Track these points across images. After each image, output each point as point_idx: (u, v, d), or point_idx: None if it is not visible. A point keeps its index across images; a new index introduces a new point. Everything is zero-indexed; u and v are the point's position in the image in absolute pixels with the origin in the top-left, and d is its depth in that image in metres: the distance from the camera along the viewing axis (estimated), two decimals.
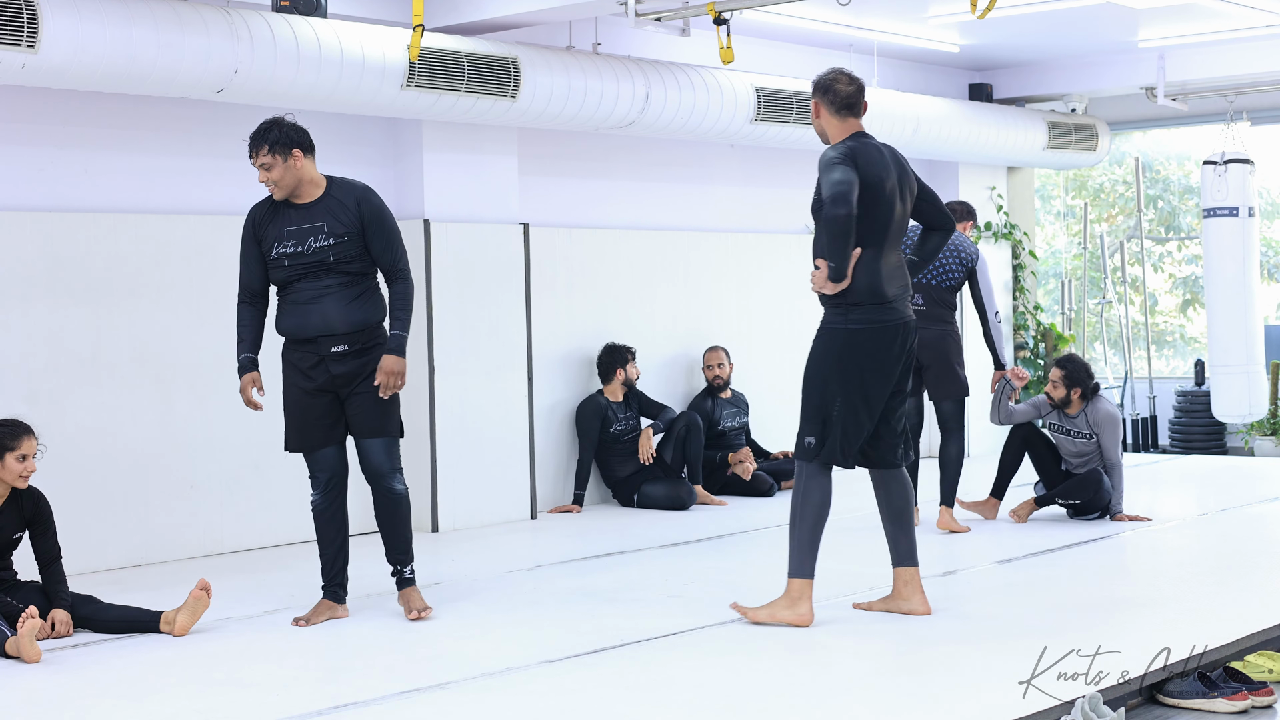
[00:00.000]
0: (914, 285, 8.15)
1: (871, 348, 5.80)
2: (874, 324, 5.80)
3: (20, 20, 6.46)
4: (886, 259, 5.83)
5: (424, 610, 6.26)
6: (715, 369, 10.03)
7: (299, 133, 6.12)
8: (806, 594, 5.94)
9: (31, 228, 7.35)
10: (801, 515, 5.93)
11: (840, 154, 5.78)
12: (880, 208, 5.78)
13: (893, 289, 5.83)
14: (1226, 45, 11.04)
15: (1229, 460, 11.82)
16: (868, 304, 5.78)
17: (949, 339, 8.47)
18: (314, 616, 6.18)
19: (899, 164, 5.91)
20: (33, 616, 5.59)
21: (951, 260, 8.47)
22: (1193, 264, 14.62)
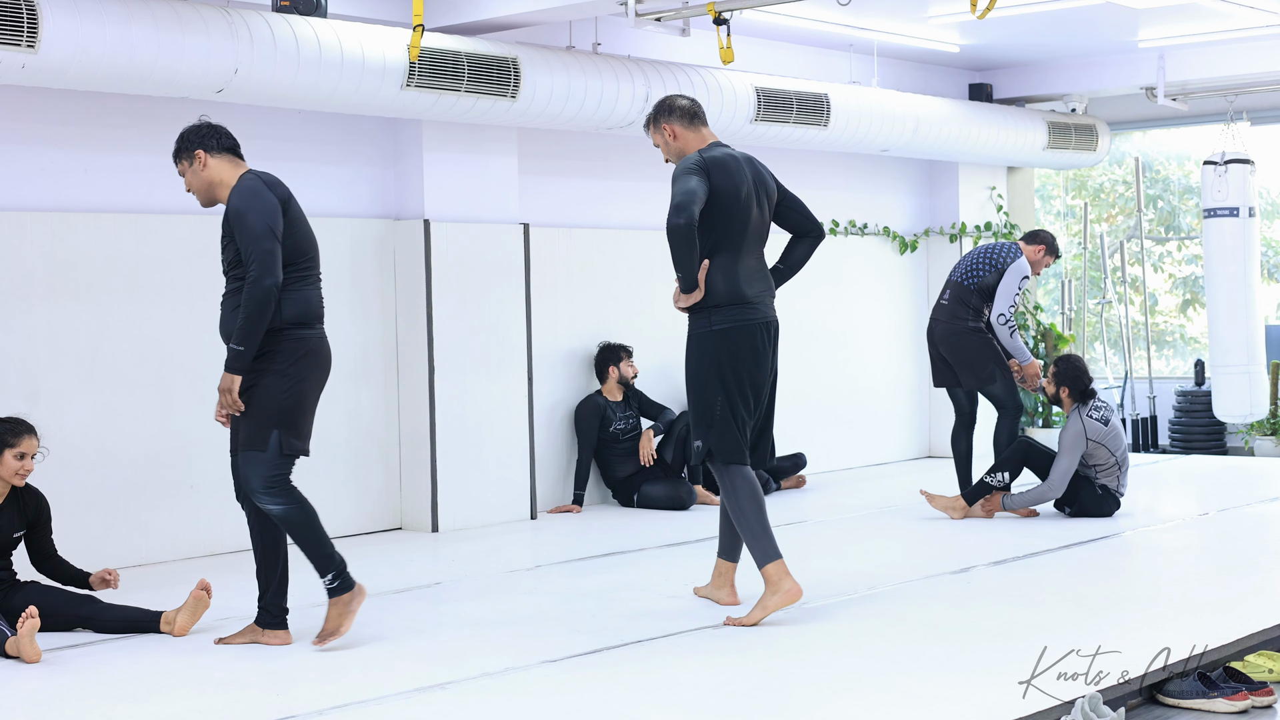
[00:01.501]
0: (947, 280, 8.91)
1: (740, 345, 6.01)
2: (738, 322, 6.01)
3: (20, 20, 6.46)
4: (745, 262, 6.05)
5: (330, 635, 5.69)
6: None
7: (199, 133, 5.77)
8: (784, 572, 6.03)
9: (31, 228, 7.35)
10: (742, 511, 6.07)
11: (691, 165, 5.99)
12: (735, 214, 6.00)
13: (752, 290, 6.05)
14: (1226, 45, 11.04)
15: (1229, 460, 11.82)
16: (728, 305, 6.00)
17: (964, 335, 8.84)
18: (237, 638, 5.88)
19: (755, 172, 6.13)
20: (33, 616, 5.59)
21: (982, 261, 8.87)
22: (1193, 264, 14.62)
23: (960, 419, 9.11)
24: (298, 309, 5.67)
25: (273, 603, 5.81)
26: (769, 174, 6.23)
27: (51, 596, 6.10)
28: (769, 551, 6.03)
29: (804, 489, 10.27)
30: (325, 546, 5.72)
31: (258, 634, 5.81)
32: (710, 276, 6.01)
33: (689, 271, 5.91)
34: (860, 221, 11.62)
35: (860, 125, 10.23)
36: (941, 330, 8.95)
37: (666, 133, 6.18)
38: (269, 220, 5.58)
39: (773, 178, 6.25)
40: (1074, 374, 8.64)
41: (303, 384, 5.69)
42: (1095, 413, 8.58)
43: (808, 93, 9.90)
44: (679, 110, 6.16)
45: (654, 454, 9.49)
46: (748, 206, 6.02)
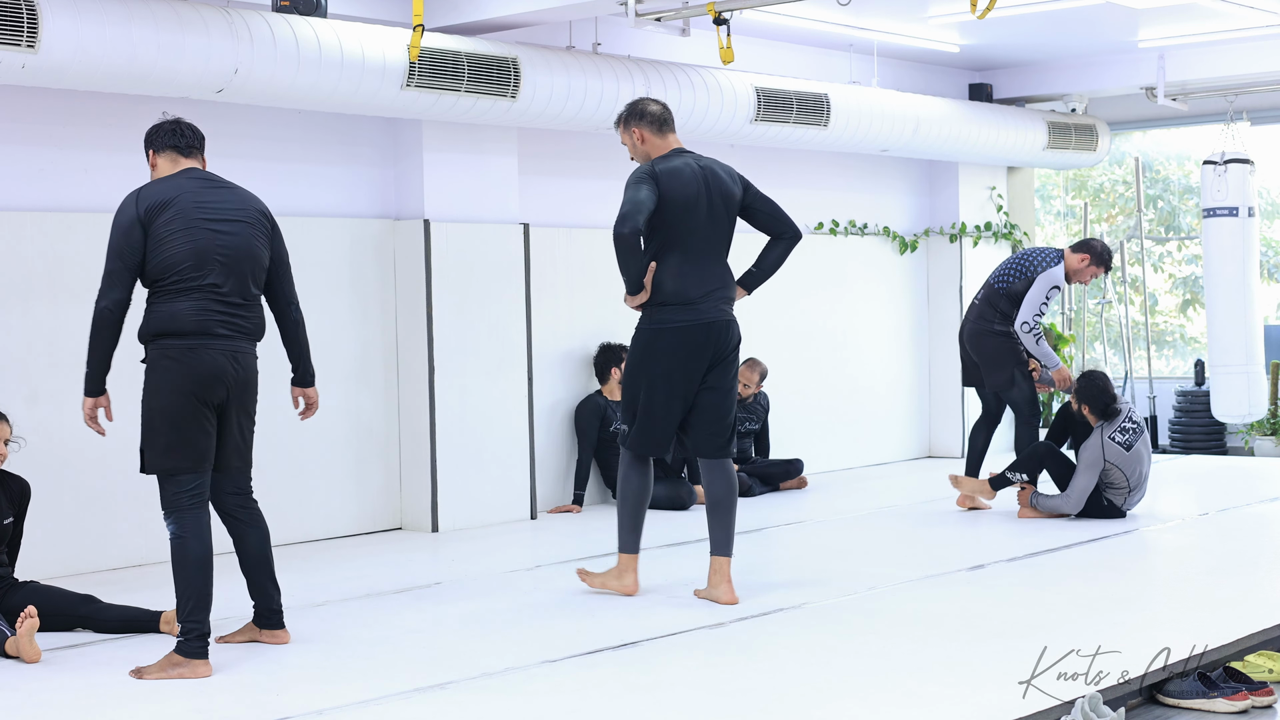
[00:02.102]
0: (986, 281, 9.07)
1: (674, 345, 6.29)
2: (676, 323, 6.28)
3: (20, 20, 6.46)
4: (694, 266, 6.32)
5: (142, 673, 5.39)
6: (741, 386, 9.91)
7: (149, 133, 5.68)
8: (631, 567, 6.56)
9: (31, 228, 7.35)
10: (622, 499, 6.56)
11: (643, 174, 6.27)
12: (684, 220, 6.28)
13: (697, 292, 6.30)
14: (1226, 45, 11.04)
15: (1229, 460, 11.82)
16: (671, 304, 6.28)
17: (987, 337, 8.95)
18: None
19: (713, 179, 6.38)
20: (32, 616, 5.59)
21: (1015, 267, 8.98)
22: (1193, 264, 14.62)
23: (985, 416, 9.21)
24: (161, 323, 5.45)
25: (262, 605, 5.80)
26: (733, 181, 6.47)
27: (51, 596, 6.10)
28: (629, 545, 6.56)
29: (805, 489, 10.26)
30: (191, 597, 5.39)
31: (255, 633, 5.83)
32: (658, 277, 6.31)
33: (632, 276, 6.23)
34: (860, 221, 11.62)
35: (860, 125, 10.23)
36: (969, 330, 9.07)
37: (635, 136, 6.44)
38: (116, 239, 5.46)
39: (739, 184, 6.50)
40: (1093, 392, 8.53)
41: (167, 396, 5.42)
42: (1120, 435, 8.46)
43: (808, 93, 9.90)
44: (649, 116, 6.43)
45: None
46: (697, 213, 6.30)
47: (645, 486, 6.53)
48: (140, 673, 5.36)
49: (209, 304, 5.47)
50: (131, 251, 5.46)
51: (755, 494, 9.91)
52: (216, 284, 5.48)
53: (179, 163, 5.64)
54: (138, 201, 5.48)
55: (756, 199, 6.55)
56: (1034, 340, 8.76)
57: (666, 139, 6.45)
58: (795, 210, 11.13)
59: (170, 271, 5.45)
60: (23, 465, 7.08)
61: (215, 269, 5.49)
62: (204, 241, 5.47)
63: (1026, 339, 8.76)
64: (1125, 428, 8.48)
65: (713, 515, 6.47)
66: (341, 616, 6.38)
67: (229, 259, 5.51)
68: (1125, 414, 8.52)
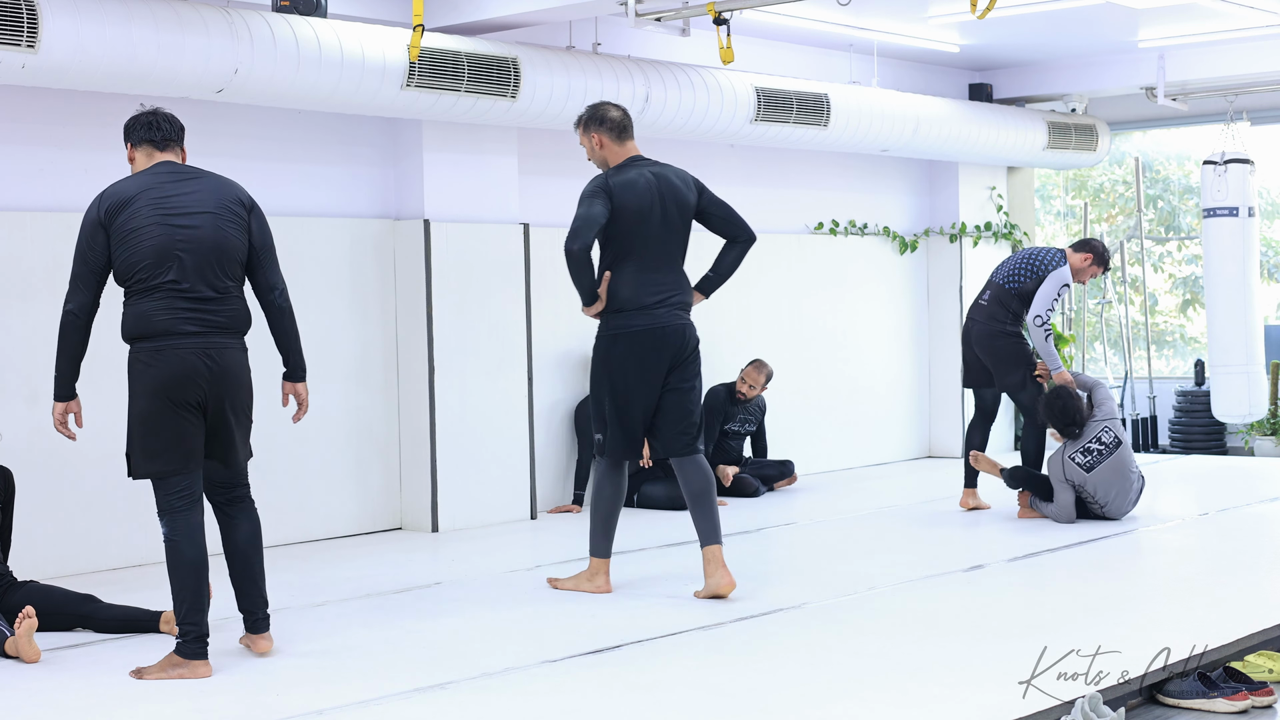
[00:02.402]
0: (987, 281, 8.95)
1: (631, 350, 6.48)
2: (632, 329, 6.48)
3: (20, 20, 6.46)
4: (649, 273, 6.51)
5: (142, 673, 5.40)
6: (747, 387, 9.93)
7: (126, 126, 5.60)
8: (603, 570, 6.70)
9: (31, 228, 7.35)
10: (596, 505, 6.68)
11: (596, 187, 6.47)
12: (638, 229, 6.47)
13: (652, 298, 6.50)
14: (1226, 45, 11.04)
15: (1229, 460, 11.82)
16: (627, 310, 6.48)
17: (999, 338, 8.85)
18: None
19: (666, 187, 6.55)
20: (30, 616, 5.59)
21: (1024, 266, 8.89)
22: (1193, 264, 14.62)
23: (980, 414, 9.14)
24: (132, 326, 5.41)
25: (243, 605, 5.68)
26: (688, 187, 6.64)
27: (50, 595, 6.10)
28: (600, 549, 6.67)
29: (796, 488, 10.26)
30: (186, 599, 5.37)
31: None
32: (613, 285, 6.51)
33: (585, 289, 6.43)
34: (860, 221, 11.62)
35: (860, 125, 10.23)
36: (979, 330, 8.92)
37: (594, 141, 6.62)
38: (81, 242, 5.42)
39: (694, 190, 6.66)
40: (1053, 412, 8.39)
41: (142, 400, 5.37)
42: (1082, 456, 8.33)
43: (808, 93, 9.90)
44: (609, 122, 6.61)
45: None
46: (652, 222, 6.49)
47: (620, 493, 6.68)
48: (140, 673, 5.36)
49: (173, 301, 5.37)
50: (95, 254, 5.41)
51: (760, 494, 9.91)
52: (176, 280, 5.37)
53: (154, 157, 5.55)
54: (100, 203, 5.43)
55: (711, 204, 6.71)
56: (1044, 336, 8.71)
57: (625, 146, 6.62)
58: (795, 210, 11.17)
59: (134, 271, 5.38)
60: (23, 465, 7.09)
61: (174, 265, 5.37)
62: (163, 238, 5.37)
63: (1036, 333, 8.70)
64: (1090, 448, 8.32)
65: (696, 509, 6.57)
66: (341, 616, 6.38)
67: (190, 252, 5.39)
68: (1094, 434, 8.34)
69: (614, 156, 6.60)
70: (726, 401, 9.99)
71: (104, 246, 5.40)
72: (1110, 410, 8.47)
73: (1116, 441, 8.36)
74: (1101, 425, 8.38)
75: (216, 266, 5.45)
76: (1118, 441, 8.37)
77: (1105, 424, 8.39)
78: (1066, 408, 8.36)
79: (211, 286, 5.44)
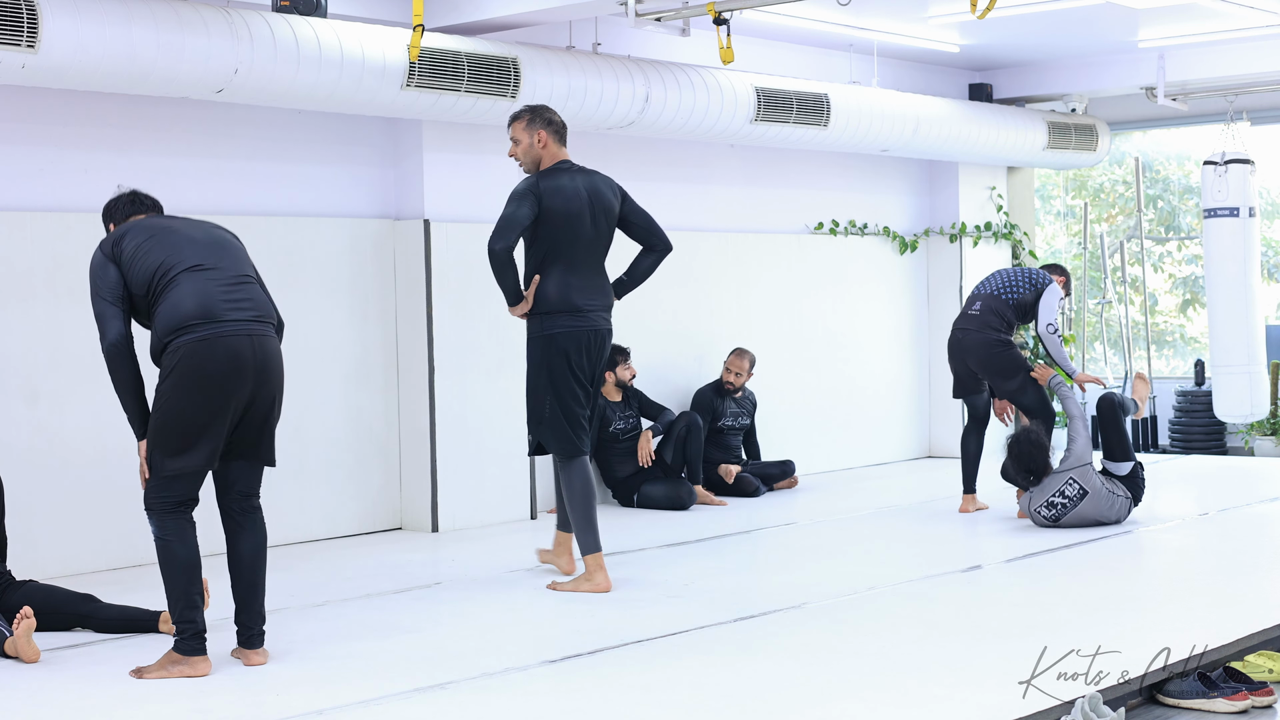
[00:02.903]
0: (974, 294, 8.98)
1: (568, 349, 6.69)
2: (567, 329, 6.68)
3: (20, 20, 6.45)
4: (577, 274, 6.73)
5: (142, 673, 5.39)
6: (733, 375, 9.98)
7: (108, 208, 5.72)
8: (599, 565, 6.76)
9: (31, 228, 7.35)
10: (572, 502, 6.78)
11: (525, 190, 6.65)
12: (567, 233, 6.67)
13: (583, 300, 6.72)
14: (1226, 45, 11.04)
15: (1229, 460, 11.82)
16: (560, 312, 6.68)
17: (995, 346, 8.79)
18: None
19: (594, 193, 6.77)
20: (28, 617, 5.59)
21: (1021, 280, 8.90)
22: (1193, 264, 14.63)
23: (973, 421, 9.10)
24: (166, 320, 5.32)
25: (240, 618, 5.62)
26: (614, 194, 6.85)
27: (50, 595, 6.10)
28: (591, 544, 6.75)
29: (797, 489, 10.26)
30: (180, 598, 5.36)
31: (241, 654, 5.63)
32: (543, 287, 6.70)
33: (509, 288, 6.63)
34: (860, 221, 11.62)
35: (860, 125, 10.23)
36: (974, 340, 8.81)
37: (538, 139, 6.75)
38: (95, 283, 5.43)
39: (618, 197, 6.87)
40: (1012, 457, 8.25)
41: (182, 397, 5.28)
42: (1046, 510, 8.18)
43: (808, 93, 9.89)
44: (555, 125, 6.79)
45: (652, 455, 9.49)
46: (579, 225, 6.70)
47: (589, 484, 6.79)
48: (140, 673, 5.36)
49: (203, 284, 5.33)
50: (111, 287, 5.38)
51: (760, 494, 9.92)
52: (201, 263, 5.36)
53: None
54: (103, 247, 5.46)
55: (632, 211, 6.92)
56: (1058, 342, 8.66)
57: (561, 150, 6.80)
58: (795, 210, 11.17)
59: (152, 274, 5.34)
60: (23, 465, 7.10)
61: (195, 251, 5.38)
62: (171, 243, 5.38)
63: (1052, 340, 8.64)
64: (1053, 502, 8.17)
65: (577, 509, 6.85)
66: (341, 616, 6.38)
67: (206, 244, 5.43)
68: (1057, 488, 8.15)
69: (549, 158, 6.77)
70: (714, 397, 10.01)
71: (118, 277, 5.38)
72: (1079, 456, 8.20)
73: (1081, 493, 8.14)
74: (1065, 478, 8.16)
75: (236, 256, 5.48)
76: (1083, 493, 8.15)
77: (1070, 476, 8.16)
78: (1022, 455, 8.22)
79: (238, 269, 5.44)
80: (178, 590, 5.37)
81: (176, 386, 5.29)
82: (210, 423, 5.34)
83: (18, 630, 5.57)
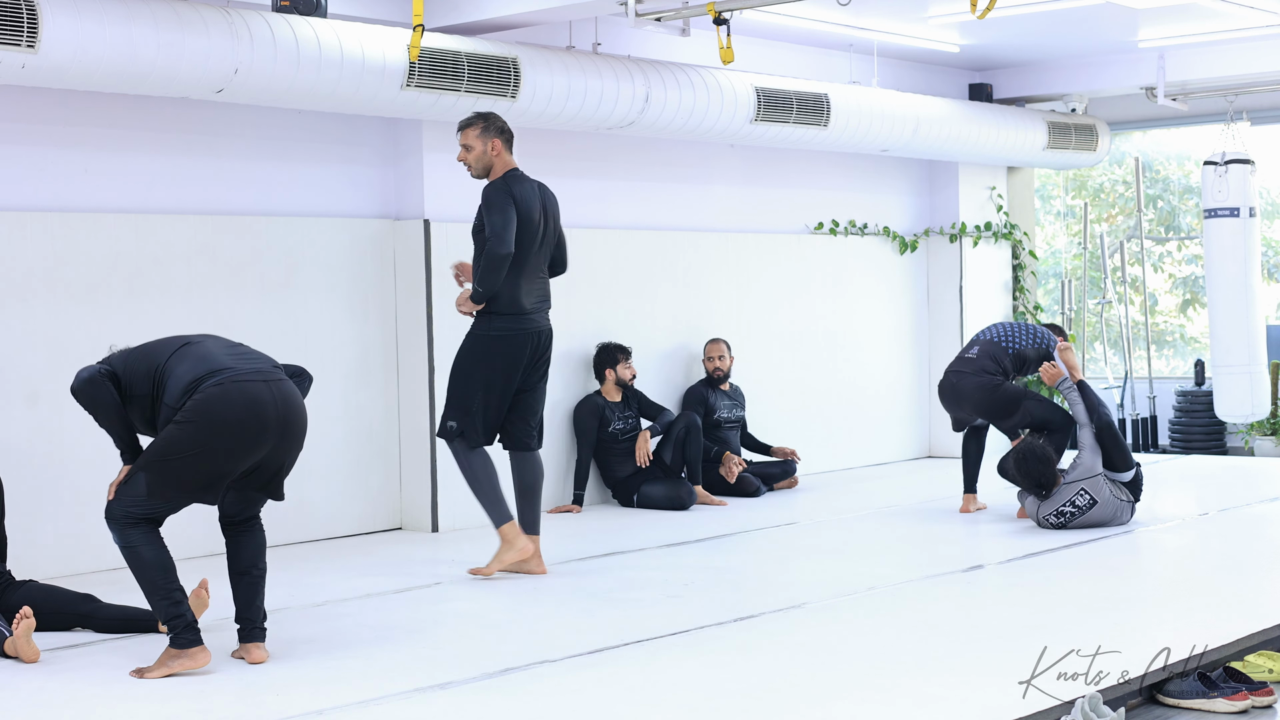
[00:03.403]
0: (973, 340, 8.96)
1: (508, 350, 6.96)
2: (512, 330, 6.95)
3: (20, 20, 6.45)
4: (527, 278, 6.99)
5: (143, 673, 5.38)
6: (716, 361, 10.05)
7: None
8: (516, 532, 7.07)
9: (31, 228, 7.35)
10: (478, 482, 7.07)
11: (503, 195, 6.88)
12: (526, 237, 6.94)
13: (530, 303, 6.99)
14: (1226, 45, 11.04)
15: (1229, 460, 11.82)
16: (508, 314, 6.94)
17: (993, 390, 8.69)
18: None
19: (548, 200, 7.10)
20: (27, 617, 5.58)
21: (1024, 333, 8.91)
22: (1193, 264, 14.62)
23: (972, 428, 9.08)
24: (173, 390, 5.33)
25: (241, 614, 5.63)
26: (556, 206, 7.17)
27: (50, 595, 6.10)
28: (502, 515, 7.06)
29: (797, 489, 10.26)
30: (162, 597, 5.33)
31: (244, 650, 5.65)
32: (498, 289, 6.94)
33: (492, 289, 6.86)
34: (860, 221, 11.62)
35: (860, 125, 10.23)
36: (968, 383, 8.72)
37: (492, 146, 7.00)
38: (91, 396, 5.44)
39: (557, 210, 7.17)
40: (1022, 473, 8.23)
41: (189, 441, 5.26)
42: (1055, 517, 8.18)
43: (808, 93, 9.89)
44: (507, 134, 7.05)
45: (650, 455, 9.48)
46: (537, 232, 6.99)
47: (490, 464, 7.10)
48: (141, 673, 5.36)
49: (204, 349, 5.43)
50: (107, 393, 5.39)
51: (760, 494, 9.92)
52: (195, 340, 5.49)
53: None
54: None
55: (560, 231, 7.21)
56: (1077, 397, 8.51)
57: (511, 158, 7.06)
58: (795, 210, 11.18)
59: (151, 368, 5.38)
60: (22, 466, 7.10)
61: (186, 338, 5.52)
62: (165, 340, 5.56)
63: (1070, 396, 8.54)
64: (1062, 511, 8.18)
65: (526, 500, 7.19)
66: (341, 616, 6.38)
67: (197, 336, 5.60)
68: (1067, 498, 8.14)
69: (502, 165, 7.01)
70: (706, 390, 10.03)
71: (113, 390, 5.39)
72: (1087, 467, 8.18)
73: (1091, 502, 8.15)
74: (1076, 489, 8.16)
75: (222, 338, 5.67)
76: (1093, 502, 8.16)
77: (1081, 487, 8.15)
78: (1030, 472, 8.19)
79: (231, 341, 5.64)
80: (157, 590, 5.36)
81: (190, 427, 5.26)
82: (220, 473, 5.35)
83: (17, 630, 5.57)
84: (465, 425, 7.04)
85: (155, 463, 5.30)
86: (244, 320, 8.07)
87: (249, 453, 5.36)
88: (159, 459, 5.30)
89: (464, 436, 7.05)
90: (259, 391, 5.33)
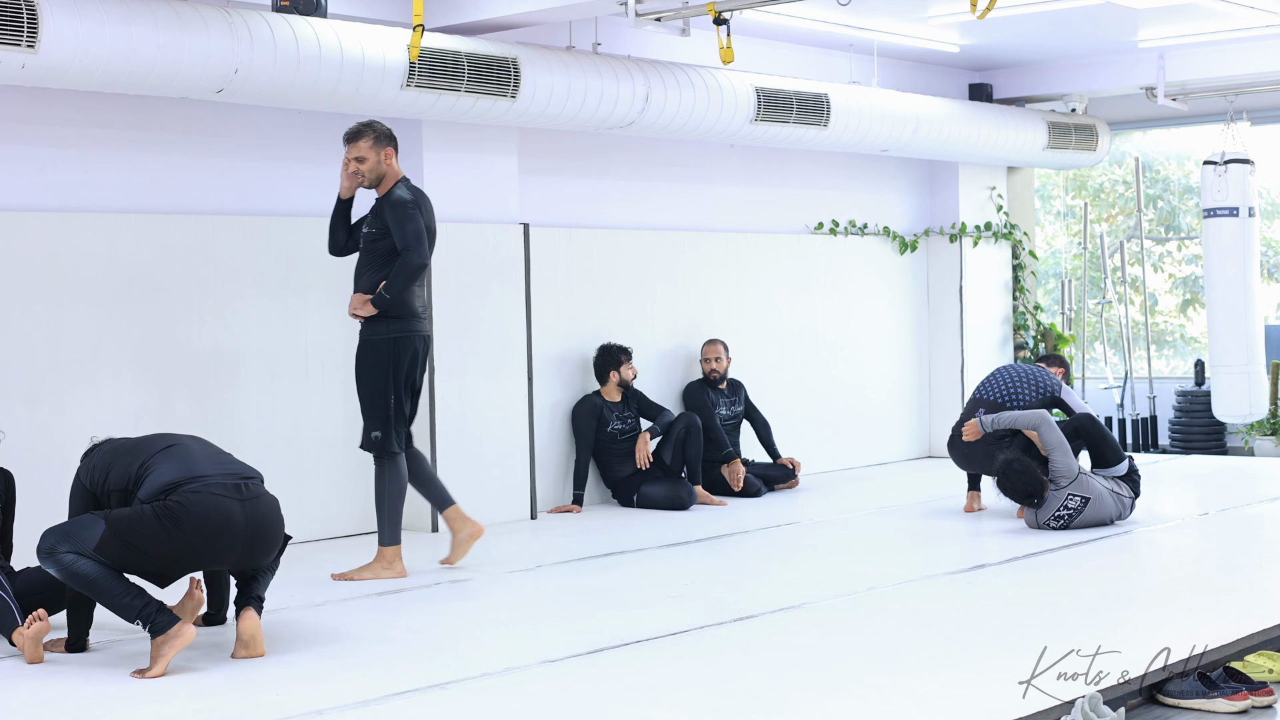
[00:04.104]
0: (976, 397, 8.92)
1: (406, 352, 7.14)
2: (408, 333, 7.14)
3: (20, 20, 6.46)
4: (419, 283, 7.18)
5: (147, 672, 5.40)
6: (713, 363, 10.04)
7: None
8: (398, 556, 7.20)
9: (31, 228, 7.35)
10: (388, 497, 7.16)
11: (411, 204, 7.04)
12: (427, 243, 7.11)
13: (419, 306, 7.20)
14: (1226, 45, 11.04)
15: (1229, 460, 11.82)
16: (404, 317, 7.12)
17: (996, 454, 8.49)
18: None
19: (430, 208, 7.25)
20: (41, 619, 5.55)
21: (1026, 386, 8.83)
22: (1193, 264, 14.63)
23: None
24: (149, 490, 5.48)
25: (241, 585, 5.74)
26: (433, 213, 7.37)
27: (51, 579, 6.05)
28: (394, 536, 7.17)
29: (798, 489, 10.26)
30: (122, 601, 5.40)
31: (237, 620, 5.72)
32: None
33: (399, 296, 7.02)
34: (860, 221, 11.62)
35: (860, 125, 10.23)
36: (978, 451, 8.71)
37: (385, 156, 7.10)
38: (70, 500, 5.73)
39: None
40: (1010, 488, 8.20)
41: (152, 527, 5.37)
42: (1055, 521, 8.19)
43: (808, 93, 9.89)
44: (395, 143, 7.19)
45: (650, 456, 9.48)
46: (435, 239, 7.23)
47: (404, 481, 7.21)
48: (141, 674, 5.36)
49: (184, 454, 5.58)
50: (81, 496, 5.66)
51: (761, 495, 9.92)
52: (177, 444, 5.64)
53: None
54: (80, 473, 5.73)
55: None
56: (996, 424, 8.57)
57: (398, 167, 7.20)
58: (795, 210, 11.17)
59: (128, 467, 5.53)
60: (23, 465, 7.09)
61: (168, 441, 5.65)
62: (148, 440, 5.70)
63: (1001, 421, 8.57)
64: (1059, 514, 8.19)
65: (428, 486, 7.35)
66: (341, 616, 6.38)
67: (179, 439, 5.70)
68: (1060, 502, 8.15)
69: (392, 175, 7.12)
70: (703, 390, 10.03)
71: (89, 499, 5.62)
72: (1064, 470, 8.19)
73: (1084, 501, 8.18)
74: (1064, 495, 8.18)
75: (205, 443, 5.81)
76: (1085, 500, 8.18)
77: (1068, 491, 8.18)
78: (1016, 486, 8.18)
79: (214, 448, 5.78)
80: (113, 594, 5.40)
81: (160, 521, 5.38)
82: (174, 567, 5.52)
83: (29, 631, 5.51)
84: (386, 432, 7.12)
85: (121, 524, 5.39)
86: (244, 320, 8.07)
87: (209, 562, 5.60)
88: (126, 525, 5.39)
89: (384, 443, 7.12)
90: (231, 509, 5.49)
